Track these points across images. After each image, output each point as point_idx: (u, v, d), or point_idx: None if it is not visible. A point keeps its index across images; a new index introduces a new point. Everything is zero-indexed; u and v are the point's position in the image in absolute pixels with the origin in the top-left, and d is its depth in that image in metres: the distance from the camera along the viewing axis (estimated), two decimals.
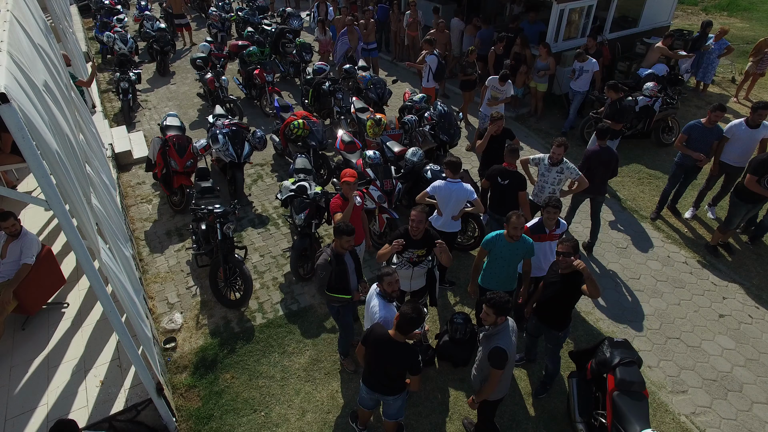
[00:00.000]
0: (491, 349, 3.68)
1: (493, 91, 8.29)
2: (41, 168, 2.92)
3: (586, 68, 8.82)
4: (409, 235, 4.64)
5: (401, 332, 3.58)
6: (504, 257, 4.68)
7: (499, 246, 4.65)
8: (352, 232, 4.38)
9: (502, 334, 3.73)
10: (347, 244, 4.45)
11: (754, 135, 6.34)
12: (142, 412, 4.40)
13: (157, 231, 7.22)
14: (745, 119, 6.37)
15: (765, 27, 14.99)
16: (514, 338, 3.78)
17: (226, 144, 7.34)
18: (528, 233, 4.86)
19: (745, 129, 6.37)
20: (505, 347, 3.66)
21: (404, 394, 4.00)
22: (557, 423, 4.74)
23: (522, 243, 4.61)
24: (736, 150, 6.51)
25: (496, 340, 3.70)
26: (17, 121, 2.71)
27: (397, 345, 3.64)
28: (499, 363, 3.67)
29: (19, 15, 4.18)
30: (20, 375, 4.55)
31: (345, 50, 11.20)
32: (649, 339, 5.57)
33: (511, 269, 4.76)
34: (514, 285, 4.91)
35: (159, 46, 12.37)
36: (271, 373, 5.22)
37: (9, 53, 3.13)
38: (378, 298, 4.16)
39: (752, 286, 6.24)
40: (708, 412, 4.84)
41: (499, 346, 3.66)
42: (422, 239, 4.67)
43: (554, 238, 4.95)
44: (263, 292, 6.18)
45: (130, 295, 4.30)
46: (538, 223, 5.01)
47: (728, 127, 6.52)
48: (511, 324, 3.82)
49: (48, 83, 3.97)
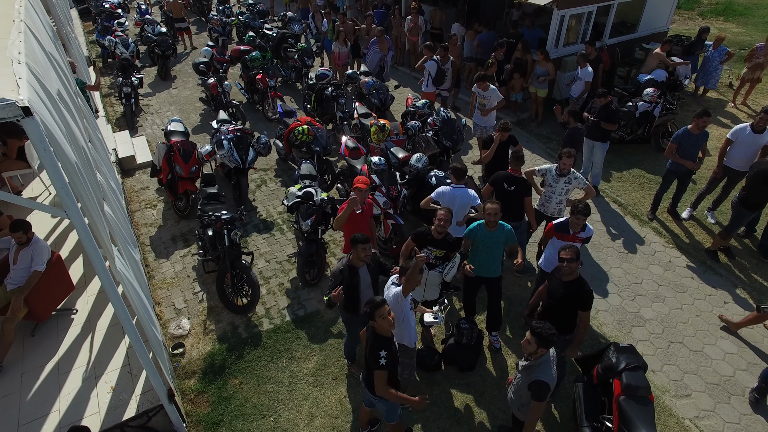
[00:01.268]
0: (532, 381, 3.61)
1: (480, 98, 8.17)
2: (61, 179, 2.96)
3: (579, 75, 8.91)
4: (431, 234, 4.79)
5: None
6: (486, 245, 4.97)
7: (480, 235, 4.94)
8: (366, 240, 4.38)
9: (544, 366, 3.64)
10: (363, 254, 4.37)
11: (758, 140, 6.46)
12: (153, 418, 4.43)
13: (162, 236, 7.25)
14: (751, 124, 6.49)
15: (761, 32, 15.13)
16: (554, 368, 3.71)
17: (231, 150, 7.38)
18: (552, 230, 5.10)
19: (749, 133, 6.49)
20: (548, 381, 3.59)
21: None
22: (563, 427, 4.80)
23: (501, 231, 4.88)
24: (739, 154, 6.64)
25: (537, 373, 3.62)
26: (39, 134, 2.75)
27: (379, 338, 3.65)
28: (541, 396, 3.60)
29: (31, 24, 4.22)
30: (32, 381, 4.57)
31: (378, 59, 10.96)
32: (652, 343, 5.65)
33: (494, 256, 5.04)
34: (499, 272, 5.18)
35: (160, 51, 12.39)
36: (279, 378, 5.26)
37: (27, 65, 3.17)
38: (396, 287, 4.14)
39: (753, 290, 6.32)
40: (711, 415, 4.91)
41: (541, 379, 3.58)
42: (443, 240, 4.81)
43: (577, 240, 5.06)
44: (270, 298, 6.22)
45: (141, 299, 4.34)
46: (564, 222, 5.12)
47: (733, 130, 6.64)
48: (552, 354, 3.73)
49: (61, 92, 4.01)
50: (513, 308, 6.04)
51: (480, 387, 5.17)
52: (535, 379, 3.61)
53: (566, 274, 4.32)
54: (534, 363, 3.69)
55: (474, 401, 5.03)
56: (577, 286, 4.30)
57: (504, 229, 4.92)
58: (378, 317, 3.56)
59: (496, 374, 5.31)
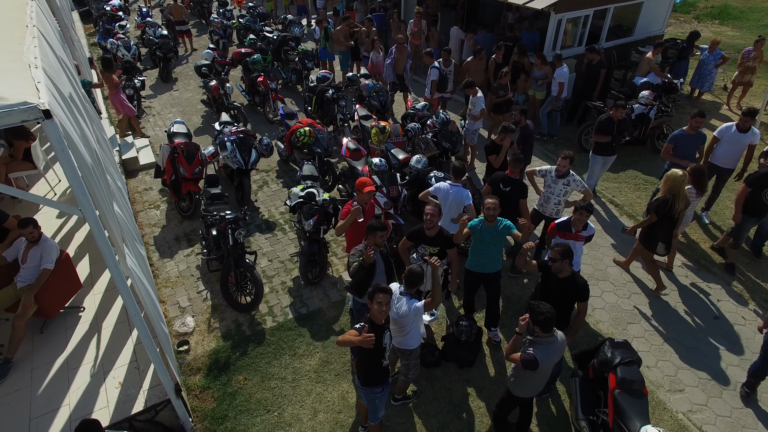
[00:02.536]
0: (526, 353, 3.87)
1: (470, 104, 8.31)
2: (77, 178, 3.08)
3: (554, 76, 9.06)
4: (424, 232, 4.90)
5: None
6: (485, 239, 5.12)
7: (480, 230, 5.09)
8: (384, 227, 4.55)
9: (545, 345, 3.90)
10: (381, 240, 4.55)
11: (742, 139, 6.73)
12: (161, 412, 4.55)
13: (166, 236, 7.36)
14: (736, 123, 6.75)
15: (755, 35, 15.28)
16: (558, 353, 4.00)
17: (234, 151, 7.50)
18: (555, 229, 5.25)
19: (734, 132, 6.74)
20: (538, 357, 3.81)
21: (369, 389, 4.08)
22: (560, 421, 4.93)
23: (497, 226, 5.03)
24: (724, 151, 6.90)
25: (535, 347, 3.88)
26: (58, 136, 2.87)
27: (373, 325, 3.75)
28: (526, 364, 3.86)
29: (42, 29, 4.34)
30: (42, 377, 4.69)
31: (393, 70, 10.80)
32: (647, 340, 5.78)
33: (494, 251, 5.18)
34: (499, 267, 5.32)
35: (162, 53, 12.51)
36: (282, 374, 5.37)
37: (43, 69, 3.29)
38: (402, 296, 4.24)
39: (745, 288, 6.47)
40: (704, 409, 5.05)
41: (530, 352, 3.85)
42: (436, 237, 4.93)
43: (579, 239, 5.20)
44: (272, 296, 6.34)
45: (150, 295, 4.45)
46: (566, 221, 5.26)
47: (719, 129, 6.88)
48: (560, 339, 4.00)
49: (72, 95, 4.14)
50: (512, 306, 6.16)
51: (479, 382, 5.30)
52: (528, 352, 3.85)
53: (557, 272, 4.48)
54: (537, 340, 3.90)
55: (473, 396, 5.15)
56: (571, 282, 4.44)
57: (503, 223, 5.07)
58: (376, 302, 3.68)
59: (495, 370, 5.44)
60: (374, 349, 3.71)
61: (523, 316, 4.04)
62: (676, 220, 5.68)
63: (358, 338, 3.64)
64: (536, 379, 4.08)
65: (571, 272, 4.49)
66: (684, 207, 5.66)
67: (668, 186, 5.63)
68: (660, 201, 5.64)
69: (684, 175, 5.59)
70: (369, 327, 3.71)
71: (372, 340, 3.62)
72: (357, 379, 4.12)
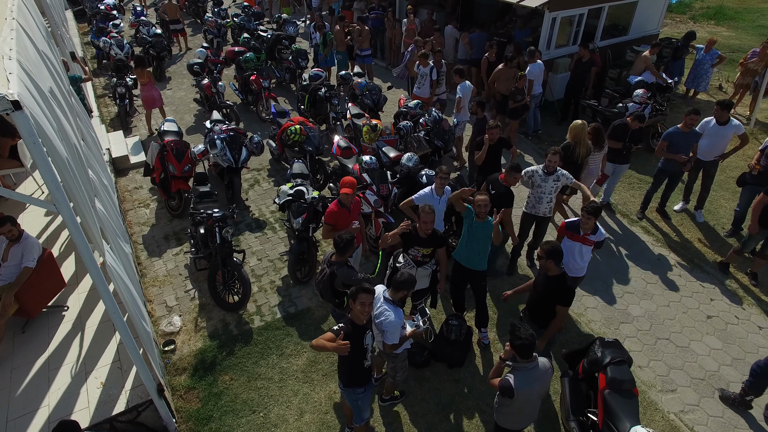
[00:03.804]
0: (504, 378, 3.68)
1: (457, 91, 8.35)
2: (51, 173, 3.01)
3: (526, 72, 9.05)
4: (417, 233, 4.84)
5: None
6: (473, 233, 5.09)
7: (470, 218, 5.07)
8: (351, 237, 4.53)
9: (522, 372, 3.66)
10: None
11: (723, 131, 6.79)
12: (143, 413, 4.46)
13: (155, 235, 7.28)
14: (714, 116, 6.83)
15: (750, 36, 15.33)
16: (540, 382, 3.69)
17: (224, 149, 7.43)
18: (564, 229, 5.21)
19: (714, 125, 6.82)
20: (512, 385, 3.58)
21: (351, 390, 4.00)
22: (550, 421, 4.86)
23: (487, 224, 4.99)
24: (707, 145, 6.96)
25: (516, 374, 3.65)
26: (29, 128, 2.79)
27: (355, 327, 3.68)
28: (503, 391, 3.65)
29: (23, 22, 4.26)
30: (21, 377, 4.60)
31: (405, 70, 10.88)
32: (639, 340, 5.71)
33: (479, 248, 5.13)
34: (484, 266, 5.26)
35: (155, 52, 12.43)
36: (269, 374, 5.29)
37: (18, 61, 3.22)
38: (386, 303, 4.10)
39: (738, 287, 6.41)
40: (696, 410, 4.98)
41: (507, 379, 3.64)
42: (429, 238, 4.86)
43: (587, 242, 5.07)
44: (261, 295, 6.26)
45: (132, 295, 4.37)
46: (576, 221, 5.15)
47: (700, 124, 6.92)
48: (542, 367, 3.72)
49: (53, 90, 4.06)
50: (502, 306, 6.09)
51: (469, 383, 5.22)
52: (505, 378, 3.65)
53: (545, 270, 4.44)
54: (516, 365, 3.70)
55: (462, 397, 5.08)
56: (557, 282, 4.37)
57: (490, 223, 5.01)
58: (359, 302, 3.57)
59: (484, 370, 5.37)
60: (355, 351, 3.61)
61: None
62: (580, 165, 6.64)
63: (333, 345, 3.51)
64: (520, 407, 3.78)
65: (560, 272, 4.41)
66: (585, 153, 6.59)
67: (573, 134, 6.60)
68: (563, 145, 6.50)
69: (584, 123, 6.57)
70: (350, 327, 3.63)
71: (347, 348, 3.49)
72: (339, 380, 4.04)
